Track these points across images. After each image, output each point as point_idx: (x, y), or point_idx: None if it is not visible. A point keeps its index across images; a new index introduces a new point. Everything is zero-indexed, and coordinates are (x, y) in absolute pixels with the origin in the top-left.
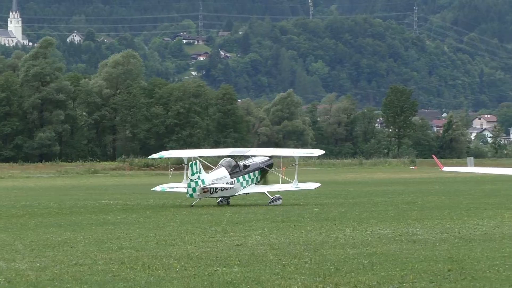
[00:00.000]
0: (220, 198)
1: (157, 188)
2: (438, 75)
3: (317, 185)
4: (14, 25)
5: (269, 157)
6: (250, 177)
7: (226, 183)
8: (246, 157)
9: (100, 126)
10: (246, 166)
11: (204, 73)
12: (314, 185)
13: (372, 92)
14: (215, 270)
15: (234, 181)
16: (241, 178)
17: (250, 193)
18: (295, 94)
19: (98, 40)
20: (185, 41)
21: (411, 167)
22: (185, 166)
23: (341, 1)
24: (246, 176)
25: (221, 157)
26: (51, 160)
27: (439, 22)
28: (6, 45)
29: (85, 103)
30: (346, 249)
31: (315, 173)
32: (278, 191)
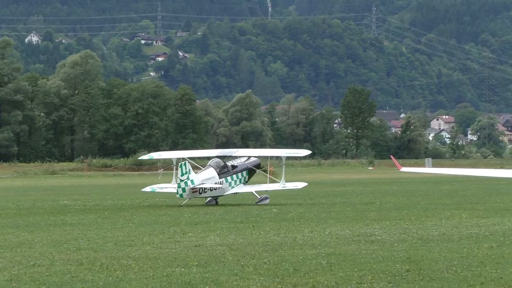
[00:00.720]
0: (209, 198)
1: (147, 188)
2: (396, 76)
3: (304, 184)
4: None
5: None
6: (238, 177)
7: (215, 183)
8: (235, 157)
9: (58, 127)
10: (234, 167)
11: (162, 73)
12: (301, 184)
13: (330, 93)
14: (174, 271)
15: (223, 181)
16: (229, 178)
17: (238, 192)
18: (254, 94)
19: (56, 40)
20: (143, 41)
21: (370, 168)
22: (174, 166)
23: (299, 2)
24: (234, 176)
25: (210, 158)
26: (9, 161)
27: (397, 23)
28: None
29: (43, 104)
30: (305, 249)
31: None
32: (266, 191)
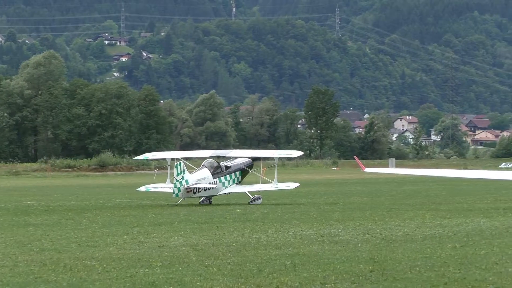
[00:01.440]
0: (202, 198)
1: (141, 188)
2: (360, 77)
3: (296, 185)
4: None
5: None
6: (231, 177)
7: (209, 183)
8: (228, 158)
9: (21, 127)
10: (227, 167)
11: (126, 74)
12: (293, 185)
13: (294, 93)
14: (137, 272)
15: (216, 181)
16: (223, 178)
17: (231, 192)
18: (218, 95)
19: (20, 41)
20: (107, 42)
21: (334, 168)
22: (168, 167)
23: (263, 2)
24: (228, 176)
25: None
26: None
27: (361, 24)
28: None
29: (6, 104)
30: (269, 250)
31: None
32: (259, 191)
